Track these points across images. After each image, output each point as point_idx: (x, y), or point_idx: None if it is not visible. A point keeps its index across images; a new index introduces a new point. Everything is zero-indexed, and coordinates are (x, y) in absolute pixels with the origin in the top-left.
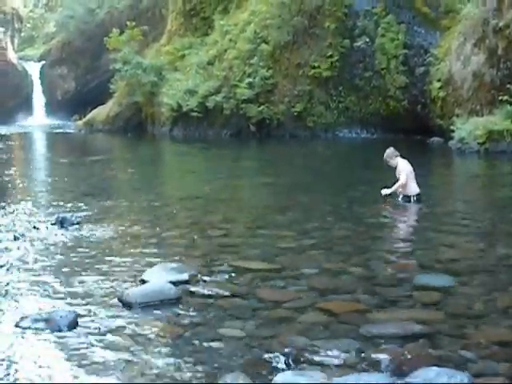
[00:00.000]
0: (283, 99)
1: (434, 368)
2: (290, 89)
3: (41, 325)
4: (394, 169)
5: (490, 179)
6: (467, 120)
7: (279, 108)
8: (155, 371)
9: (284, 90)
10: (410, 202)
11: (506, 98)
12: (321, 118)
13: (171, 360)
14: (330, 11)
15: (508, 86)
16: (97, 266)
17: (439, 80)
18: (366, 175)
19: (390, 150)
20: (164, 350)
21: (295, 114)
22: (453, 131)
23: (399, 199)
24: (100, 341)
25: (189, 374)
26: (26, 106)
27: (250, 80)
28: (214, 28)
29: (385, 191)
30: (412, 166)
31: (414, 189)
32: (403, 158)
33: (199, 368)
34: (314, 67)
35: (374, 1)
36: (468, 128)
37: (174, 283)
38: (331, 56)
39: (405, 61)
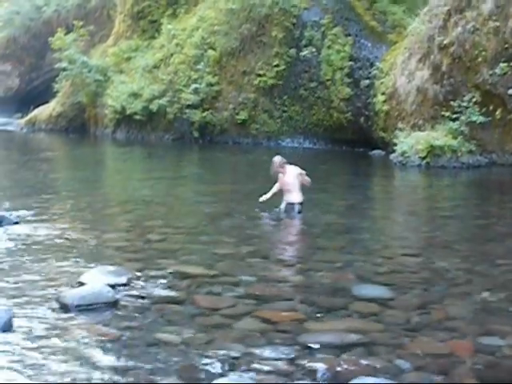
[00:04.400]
0: (228, 106)
1: (370, 378)
2: (235, 96)
3: None
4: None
5: (429, 193)
6: (410, 134)
7: (223, 115)
8: (90, 375)
9: (229, 96)
10: (293, 209)
11: (448, 114)
12: (264, 127)
13: (107, 364)
14: (278, 20)
15: (451, 102)
16: (34, 267)
17: (383, 93)
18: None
19: (279, 158)
20: (100, 353)
21: (239, 121)
22: (395, 144)
23: (282, 207)
24: (35, 343)
25: (124, 379)
26: None
27: (196, 85)
28: (162, 32)
29: (264, 197)
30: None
31: (298, 197)
32: (291, 164)
33: (135, 372)
34: (259, 75)
35: (322, 12)
36: (410, 142)
37: (112, 286)
38: (277, 65)
39: (350, 73)
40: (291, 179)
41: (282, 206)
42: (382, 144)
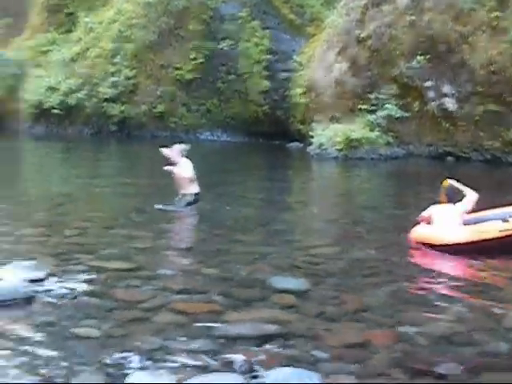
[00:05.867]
0: (145, 99)
1: (287, 368)
2: (153, 89)
3: None
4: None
5: (346, 184)
6: (327, 126)
7: (141, 108)
8: (7, 372)
9: (147, 90)
10: (191, 200)
11: (365, 106)
12: (182, 120)
13: (24, 360)
14: (195, 13)
15: (368, 95)
16: None
17: (301, 86)
18: (224, 178)
19: (182, 147)
20: (17, 349)
21: (157, 114)
22: (312, 137)
23: (178, 198)
24: None
25: (41, 375)
26: None
27: (113, 79)
28: (78, 25)
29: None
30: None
31: (195, 188)
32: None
33: (53, 368)
34: (177, 68)
35: (240, 5)
36: (328, 134)
37: (29, 281)
38: (195, 58)
39: (268, 66)
40: (183, 171)
41: (179, 197)
42: (300, 136)
